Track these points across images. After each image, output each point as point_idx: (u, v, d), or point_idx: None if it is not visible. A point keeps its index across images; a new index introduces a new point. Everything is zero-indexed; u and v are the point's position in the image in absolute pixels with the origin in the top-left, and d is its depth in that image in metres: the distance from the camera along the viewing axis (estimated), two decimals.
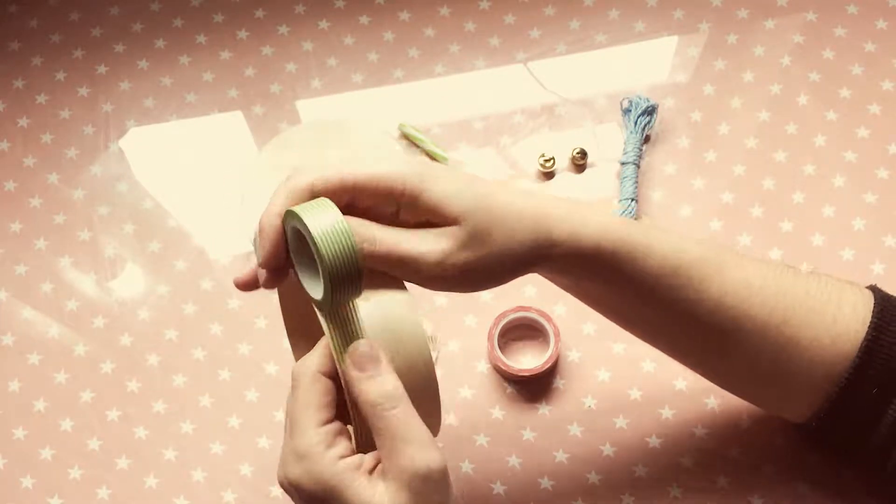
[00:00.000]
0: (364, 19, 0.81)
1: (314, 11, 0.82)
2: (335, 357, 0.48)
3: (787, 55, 0.78)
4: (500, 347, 0.68)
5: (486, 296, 0.72)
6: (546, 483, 0.67)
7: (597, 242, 0.52)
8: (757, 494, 0.66)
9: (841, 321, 0.54)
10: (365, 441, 0.49)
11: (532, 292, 0.72)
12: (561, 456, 0.67)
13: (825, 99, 0.77)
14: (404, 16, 0.81)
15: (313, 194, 0.49)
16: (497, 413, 0.69)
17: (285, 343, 0.72)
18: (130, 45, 0.81)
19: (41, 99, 0.80)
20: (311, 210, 0.46)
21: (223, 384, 0.71)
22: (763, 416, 0.67)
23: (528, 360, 0.70)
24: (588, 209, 0.53)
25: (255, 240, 0.50)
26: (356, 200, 0.50)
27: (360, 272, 0.46)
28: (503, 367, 0.68)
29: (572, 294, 0.58)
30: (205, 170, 0.78)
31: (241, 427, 0.70)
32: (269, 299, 0.73)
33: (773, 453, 0.66)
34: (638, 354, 0.69)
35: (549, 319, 0.68)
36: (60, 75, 0.81)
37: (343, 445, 0.48)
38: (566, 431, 0.68)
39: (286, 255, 0.49)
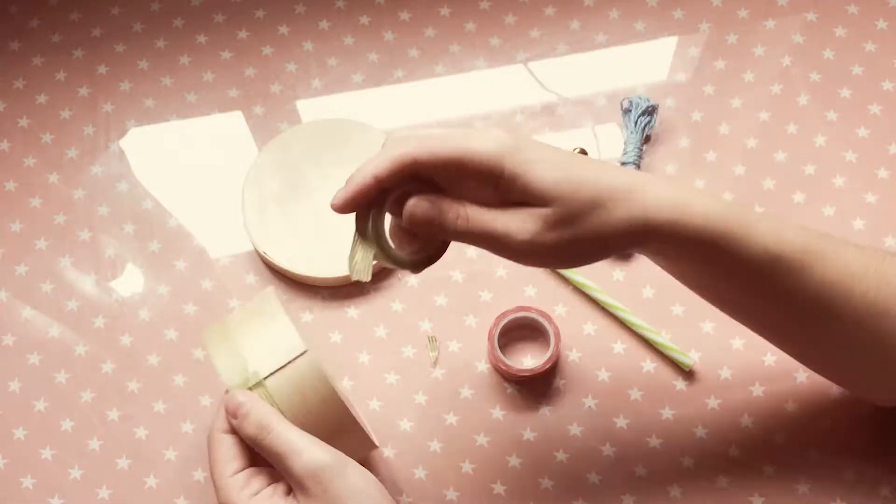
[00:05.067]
0: (364, 19, 0.81)
1: (314, 11, 0.82)
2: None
3: (787, 55, 0.78)
4: (500, 347, 0.68)
5: (486, 296, 0.72)
6: (546, 483, 0.67)
7: (697, 231, 0.52)
8: (757, 494, 0.66)
9: None
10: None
11: (532, 292, 0.72)
12: (561, 456, 0.67)
13: (825, 99, 0.77)
14: (404, 16, 0.81)
15: (417, 166, 0.51)
16: (497, 413, 0.69)
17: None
18: (130, 45, 0.81)
19: (41, 99, 0.80)
20: None
21: (223, 384, 0.71)
22: (763, 415, 0.67)
23: (528, 360, 0.70)
24: (685, 189, 0.53)
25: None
26: (458, 176, 0.52)
27: None
28: (503, 367, 0.68)
29: (669, 272, 0.58)
30: (205, 170, 0.78)
31: None
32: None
33: (773, 453, 0.66)
34: (638, 354, 0.69)
35: (549, 319, 0.68)
36: (60, 75, 0.81)
37: (257, 483, 0.53)
38: (566, 431, 0.68)
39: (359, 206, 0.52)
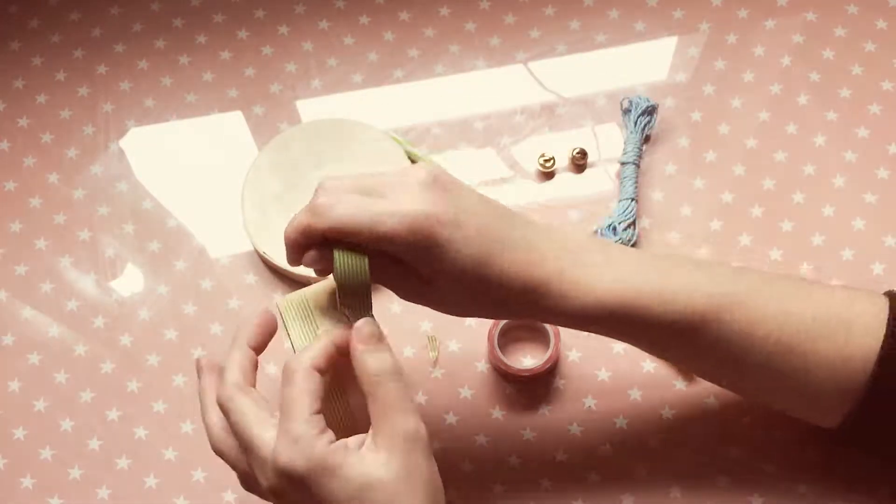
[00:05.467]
0: (364, 19, 0.81)
1: (314, 11, 0.82)
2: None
3: (787, 55, 0.78)
4: (500, 347, 0.68)
5: None
6: (546, 483, 0.67)
7: (591, 312, 0.55)
8: (757, 494, 0.66)
9: (852, 342, 0.55)
10: (346, 429, 0.55)
11: None
12: (561, 456, 0.67)
13: (825, 99, 0.77)
14: (404, 16, 0.81)
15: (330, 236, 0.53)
16: (497, 413, 0.69)
17: (286, 343, 0.72)
18: (130, 45, 0.81)
19: (41, 99, 0.80)
20: (342, 256, 0.53)
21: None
22: (763, 415, 0.67)
23: (528, 360, 0.70)
24: (593, 260, 0.55)
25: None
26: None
27: (368, 294, 0.53)
28: (503, 367, 0.68)
29: None
30: (205, 170, 0.78)
31: None
32: (269, 299, 0.73)
33: (774, 453, 0.66)
34: (638, 354, 0.69)
35: None
36: (60, 75, 0.81)
37: (331, 434, 0.52)
38: (566, 431, 0.68)
39: (300, 257, 0.54)
